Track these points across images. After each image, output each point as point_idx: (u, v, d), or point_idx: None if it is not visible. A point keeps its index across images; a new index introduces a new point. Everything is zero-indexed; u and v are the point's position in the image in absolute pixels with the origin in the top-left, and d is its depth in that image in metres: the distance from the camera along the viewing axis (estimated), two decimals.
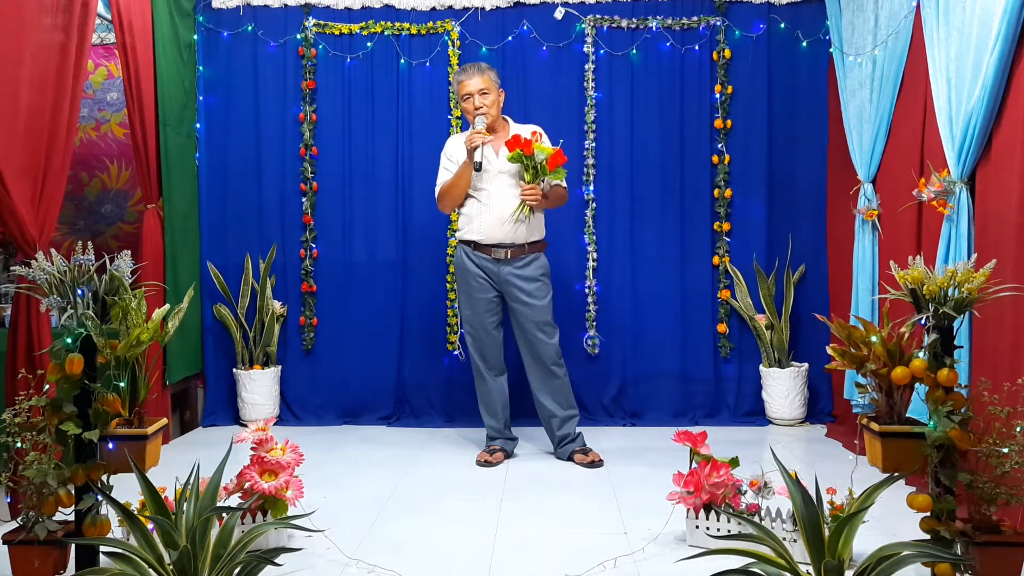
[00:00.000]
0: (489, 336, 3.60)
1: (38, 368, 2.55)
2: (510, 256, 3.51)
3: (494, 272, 3.52)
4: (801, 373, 4.25)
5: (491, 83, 3.53)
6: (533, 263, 3.53)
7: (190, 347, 4.25)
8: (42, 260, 2.18)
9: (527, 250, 3.52)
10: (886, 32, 3.51)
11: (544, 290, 3.57)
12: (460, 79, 3.55)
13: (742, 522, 2.13)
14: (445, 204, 3.61)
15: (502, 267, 3.51)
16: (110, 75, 4.65)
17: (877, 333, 2.18)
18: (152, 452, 2.27)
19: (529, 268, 3.52)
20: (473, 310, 3.58)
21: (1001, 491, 2.00)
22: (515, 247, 3.50)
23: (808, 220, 4.40)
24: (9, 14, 2.70)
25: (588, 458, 3.53)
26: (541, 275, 3.55)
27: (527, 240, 3.51)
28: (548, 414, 3.62)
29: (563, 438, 3.61)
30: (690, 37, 4.38)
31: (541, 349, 3.56)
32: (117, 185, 4.66)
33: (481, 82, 3.51)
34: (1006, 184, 2.63)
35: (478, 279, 3.54)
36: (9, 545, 2.12)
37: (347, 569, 2.38)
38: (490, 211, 3.48)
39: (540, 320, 3.55)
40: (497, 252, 3.50)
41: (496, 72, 3.60)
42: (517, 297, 3.53)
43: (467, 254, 3.56)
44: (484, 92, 3.51)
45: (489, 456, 3.57)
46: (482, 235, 3.51)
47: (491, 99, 3.51)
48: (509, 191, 3.48)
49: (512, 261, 3.51)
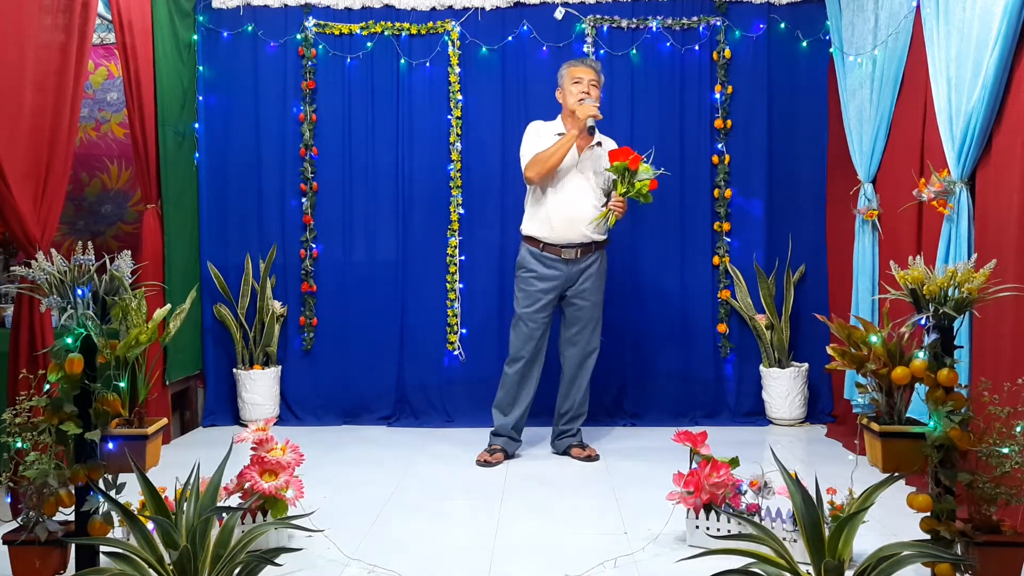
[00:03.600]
0: (539, 332, 3.62)
1: (39, 368, 2.55)
2: (579, 255, 3.56)
3: (563, 271, 3.56)
4: (801, 373, 4.25)
5: (601, 81, 3.62)
6: (596, 262, 3.61)
7: (190, 347, 4.25)
8: (42, 260, 2.18)
9: (594, 249, 3.59)
10: (886, 32, 3.51)
11: (599, 290, 3.66)
12: (575, 65, 3.60)
13: (742, 522, 2.13)
14: (537, 171, 3.53)
15: (572, 267, 3.56)
16: (110, 75, 4.64)
17: (877, 333, 2.18)
18: (152, 452, 2.27)
19: (593, 267, 3.60)
20: (533, 307, 3.59)
21: (1001, 491, 2.00)
22: (584, 246, 3.56)
23: (808, 220, 4.41)
24: (10, 14, 2.71)
25: (585, 452, 3.61)
26: (600, 275, 3.64)
27: (594, 239, 3.57)
28: (564, 409, 3.71)
29: (564, 432, 3.70)
30: (690, 37, 4.38)
31: (587, 349, 3.66)
32: (117, 185, 4.66)
33: (596, 75, 3.59)
34: (1006, 184, 2.63)
35: (545, 279, 3.57)
36: (10, 545, 2.12)
37: (347, 569, 2.38)
38: (565, 209, 3.51)
39: (593, 318, 3.65)
40: (568, 252, 3.55)
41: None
42: (577, 294, 3.59)
43: (534, 254, 3.58)
44: (595, 84, 3.57)
45: (489, 456, 3.57)
46: (553, 233, 3.53)
47: (597, 94, 3.57)
48: (584, 193, 3.53)
49: (580, 260, 3.57)
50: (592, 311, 3.65)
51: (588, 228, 3.53)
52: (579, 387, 3.70)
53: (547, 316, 3.63)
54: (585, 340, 3.66)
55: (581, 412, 3.72)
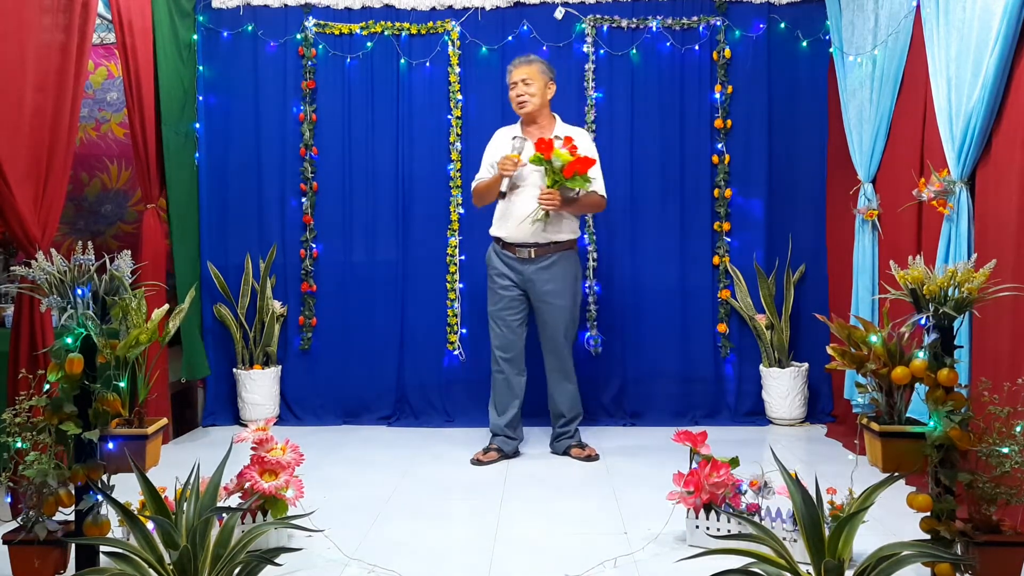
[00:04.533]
0: (511, 333, 3.61)
1: (39, 368, 2.55)
2: (534, 255, 3.52)
3: (519, 271, 3.54)
4: (801, 373, 4.25)
5: (537, 74, 3.53)
6: (558, 263, 3.53)
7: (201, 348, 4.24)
8: (42, 260, 2.18)
9: (552, 249, 3.52)
10: (886, 32, 3.51)
11: (566, 292, 3.56)
12: (510, 68, 3.61)
13: (742, 522, 2.13)
14: (476, 203, 3.69)
15: (527, 266, 3.53)
16: (110, 75, 4.65)
17: (877, 333, 2.18)
18: (152, 452, 2.27)
19: (553, 269, 3.52)
20: (497, 305, 3.61)
21: (1001, 491, 2.00)
22: (539, 247, 3.51)
23: (808, 220, 4.41)
24: (11, 14, 2.71)
25: (585, 452, 3.61)
26: (565, 276, 3.55)
27: (552, 239, 3.51)
28: (557, 412, 3.71)
29: (562, 434, 3.71)
30: (690, 37, 4.38)
31: (558, 352, 3.61)
32: (117, 185, 4.66)
33: (526, 71, 3.53)
34: (1006, 184, 2.63)
35: (504, 276, 3.57)
36: (9, 545, 2.12)
37: (347, 569, 2.38)
38: (516, 210, 3.50)
39: (560, 322, 3.57)
40: (522, 252, 3.53)
41: (549, 66, 3.61)
42: (540, 296, 3.55)
43: (496, 251, 3.61)
44: (527, 81, 3.52)
45: (482, 455, 3.58)
46: (507, 233, 3.54)
47: (535, 88, 3.51)
48: (536, 192, 3.47)
49: (537, 260, 3.52)
50: (560, 314, 3.56)
51: (532, 226, 3.46)
52: (564, 391, 3.67)
53: (515, 316, 3.60)
54: (557, 344, 3.60)
55: (575, 414, 3.72)
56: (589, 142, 3.64)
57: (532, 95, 3.52)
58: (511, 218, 3.51)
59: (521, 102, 3.55)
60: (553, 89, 3.62)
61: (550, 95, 3.61)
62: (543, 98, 3.57)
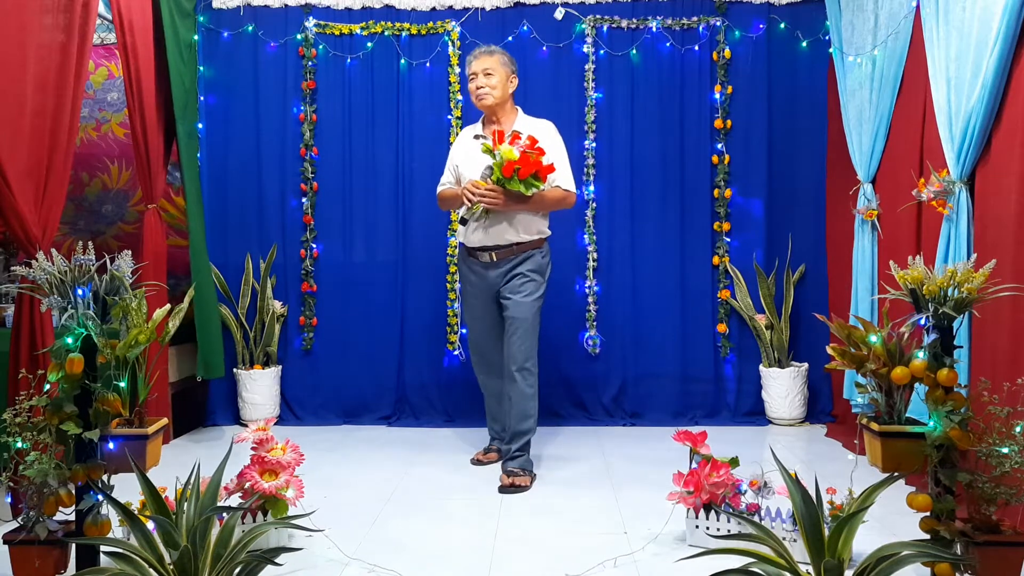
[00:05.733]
0: (484, 340, 3.48)
1: (40, 368, 2.55)
2: (496, 259, 3.31)
3: (483, 276, 3.36)
4: (801, 373, 4.25)
5: (498, 65, 3.33)
6: (524, 262, 3.30)
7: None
8: (43, 260, 2.18)
9: (516, 251, 3.30)
10: (886, 32, 3.51)
11: (528, 287, 3.29)
12: (469, 59, 3.40)
13: (742, 522, 2.13)
14: (440, 207, 3.59)
15: (490, 271, 3.34)
16: (111, 75, 4.65)
17: (877, 333, 2.19)
18: (152, 452, 2.28)
19: (520, 269, 3.30)
20: (469, 313, 3.52)
21: (1001, 491, 2.00)
22: (500, 249, 3.30)
23: (808, 220, 4.41)
24: (11, 14, 2.71)
25: (508, 480, 3.18)
26: (529, 271, 3.30)
27: (514, 241, 3.28)
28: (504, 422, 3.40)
29: (506, 453, 3.31)
30: (690, 37, 4.39)
31: (510, 348, 3.28)
32: (117, 185, 4.66)
33: (487, 62, 3.33)
34: (1005, 184, 2.63)
35: (472, 284, 3.43)
36: (9, 545, 2.12)
37: (347, 569, 2.38)
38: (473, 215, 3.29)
39: (516, 316, 3.27)
40: (483, 256, 3.33)
41: (510, 57, 3.41)
42: (504, 295, 3.33)
43: (463, 259, 3.47)
44: (488, 73, 3.33)
45: (482, 456, 3.56)
46: (467, 239, 3.38)
47: (496, 80, 3.32)
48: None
49: (499, 264, 3.32)
50: (520, 316, 3.27)
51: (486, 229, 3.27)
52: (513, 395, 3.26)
53: (485, 324, 3.42)
54: (513, 348, 3.26)
55: (521, 429, 3.28)
56: (554, 134, 3.38)
57: (493, 87, 3.31)
58: (470, 223, 3.32)
59: (481, 95, 3.33)
60: (515, 83, 3.41)
61: (512, 88, 3.39)
62: (504, 91, 3.34)
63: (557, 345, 4.40)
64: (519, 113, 3.44)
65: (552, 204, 3.31)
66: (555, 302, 4.39)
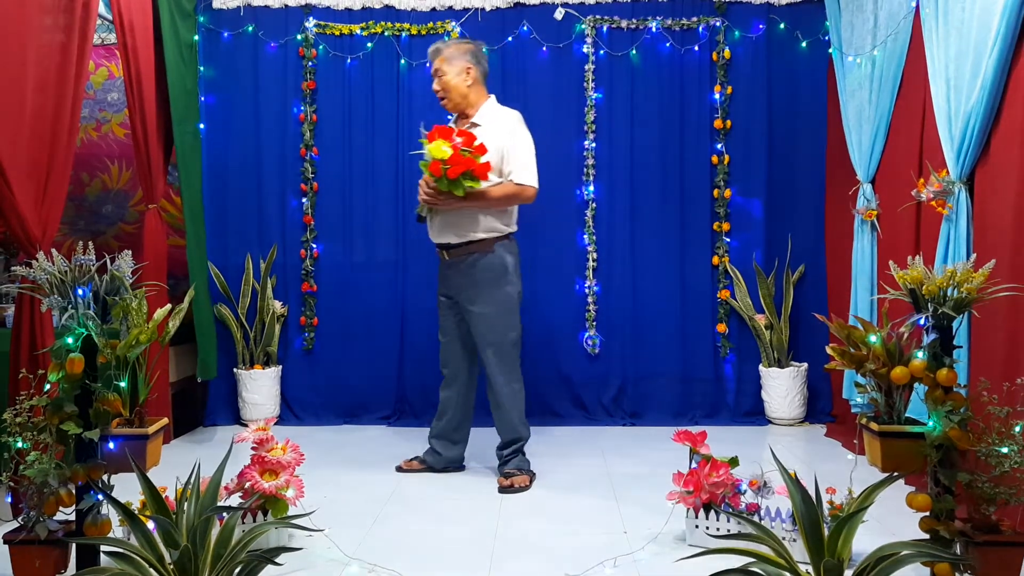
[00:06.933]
0: (444, 337, 3.36)
1: (40, 368, 2.55)
2: (449, 257, 3.22)
3: (445, 274, 3.28)
4: (800, 373, 4.26)
5: (445, 63, 3.15)
6: (475, 265, 3.15)
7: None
8: (43, 260, 2.18)
9: (471, 249, 3.15)
10: (885, 32, 3.51)
11: (483, 298, 3.15)
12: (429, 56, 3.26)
13: (742, 522, 2.13)
14: None
15: (448, 269, 3.25)
16: (111, 75, 4.65)
17: (876, 333, 2.19)
18: (153, 452, 2.28)
19: (472, 271, 3.16)
20: (438, 310, 3.39)
21: (1000, 491, 2.01)
22: (452, 248, 3.19)
23: (807, 220, 4.41)
24: (12, 14, 2.71)
25: (507, 481, 3.16)
26: (483, 280, 3.15)
27: (468, 239, 3.15)
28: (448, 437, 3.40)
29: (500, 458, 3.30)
30: (690, 38, 4.39)
31: (485, 365, 3.23)
32: (118, 185, 4.66)
33: (435, 63, 3.17)
34: (1005, 184, 2.63)
35: (438, 281, 3.35)
36: (10, 545, 2.12)
37: (347, 569, 2.38)
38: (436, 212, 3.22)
39: (480, 330, 3.18)
40: (442, 253, 3.25)
41: (464, 45, 3.22)
42: (460, 301, 3.23)
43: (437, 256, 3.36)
44: (439, 72, 3.17)
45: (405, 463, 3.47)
46: (431, 233, 3.28)
47: (448, 79, 3.15)
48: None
49: (455, 263, 3.21)
50: (478, 323, 3.16)
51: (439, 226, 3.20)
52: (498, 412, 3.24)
53: (451, 324, 3.31)
54: (484, 358, 3.20)
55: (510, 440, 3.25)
56: (514, 125, 3.17)
57: (448, 87, 3.15)
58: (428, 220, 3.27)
59: (439, 98, 3.22)
60: (476, 70, 3.18)
61: (474, 76, 3.18)
62: (460, 86, 3.16)
63: (557, 345, 4.40)
64: (487, 102, 3.24)
65: (502, 201, 3.13)
66: (555, 302, 4.40)
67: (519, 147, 3.15)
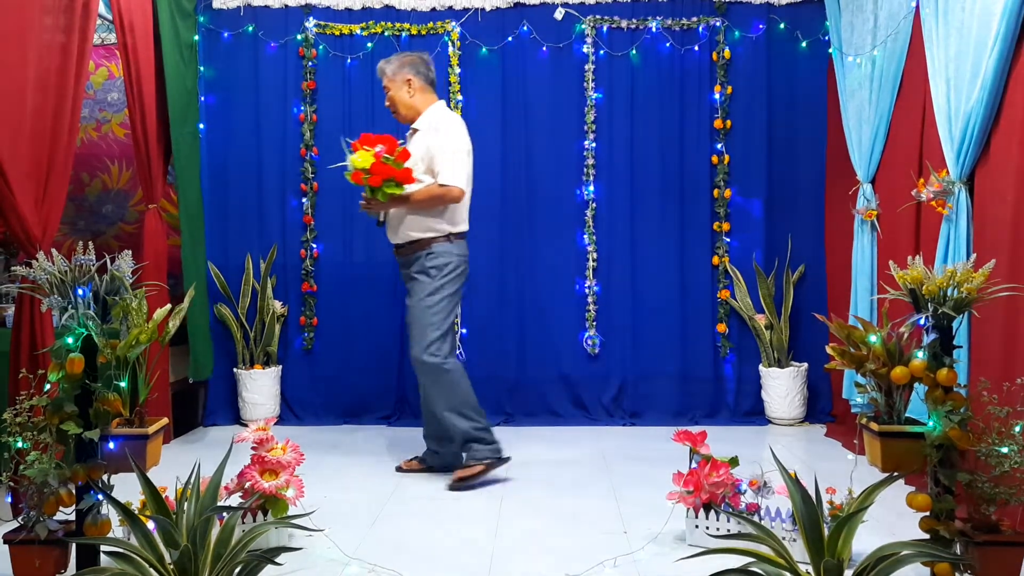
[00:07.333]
0: None
1: (40, 368, 2.55)
2: (397, 256, 3.39)
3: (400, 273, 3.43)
4: (800, 373, 4.26)
5: (387, 78, 3.34)
6: (413, 263, 3.29)
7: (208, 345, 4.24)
8: (43, 260, 2.18)
9: (414, 248, 3.28)
10: (885, 32, 3.51)
11: (417, 290, 3.26)
12: None
13: (742, 521, 2.13)
14: None
15: (400, 269, 3.41)
16: (111, 75, 4.65)
17: (876, 333, 2.19)
18: (153, 452, 2.28)
19: (409, 269, 3.31)
20: None
21: (1000, 491, 2.01)
22: (398, 247, 3.35)
23: (807, 220, 4.41)
24: (12, 15, 2.71)
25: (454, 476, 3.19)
26: (417, 273, 3.27)
27: (406, 240, 3.29)
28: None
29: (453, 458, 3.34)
30: (690, 38, 4.39)
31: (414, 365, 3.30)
32: (118, 185, 4.66)
33: (384, 82, 3.36)
34: (1005, 184, 2.63)
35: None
36: (10, 545, 2.12)
37: (347, 569, 2.38)
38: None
39: (414, 323, 3.26)
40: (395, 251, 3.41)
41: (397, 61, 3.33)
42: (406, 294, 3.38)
43: None
44: (386, 89, 3.36)
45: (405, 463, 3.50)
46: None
47: (392, 93, 3.34)
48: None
49: (402, 261, 3.36)
50: (410, 312, 3.29)
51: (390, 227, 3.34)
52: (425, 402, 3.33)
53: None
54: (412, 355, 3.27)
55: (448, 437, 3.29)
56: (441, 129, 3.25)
57: (394, 101, 3.34)
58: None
59: (392, 112, 3.39)
60: (416, 80, 3.31)
61: (416, 87, 3.31)
62: (403, 99, 3.32)
63: (557, 345, 4.40)
64: (431, 107, 3.34)
65: (426, 203, 3.21)
66: (555, 302, 4.40)
67: (446, 149, 3.23)
